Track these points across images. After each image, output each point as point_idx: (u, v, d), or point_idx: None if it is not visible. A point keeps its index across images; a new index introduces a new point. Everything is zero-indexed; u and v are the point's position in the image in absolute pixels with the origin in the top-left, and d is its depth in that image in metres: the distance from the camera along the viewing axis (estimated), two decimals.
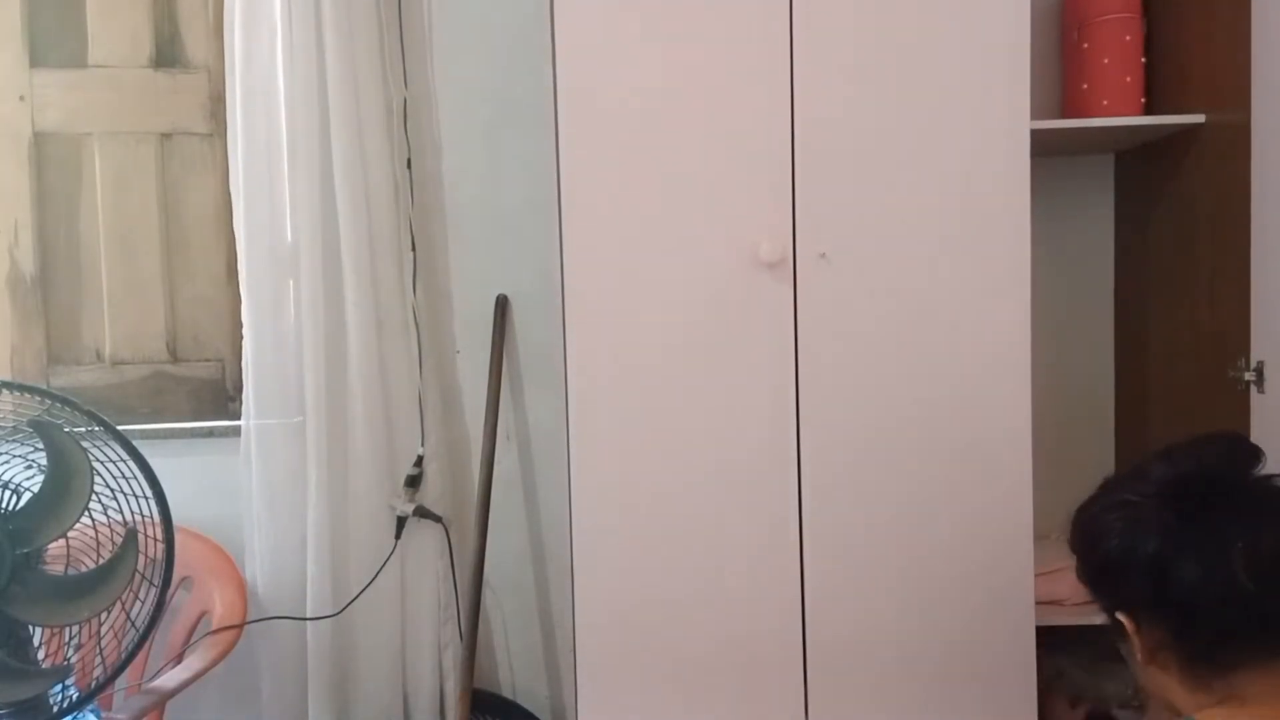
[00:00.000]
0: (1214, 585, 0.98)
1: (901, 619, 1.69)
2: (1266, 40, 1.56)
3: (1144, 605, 1.04)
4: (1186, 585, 0.99)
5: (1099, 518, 1.09)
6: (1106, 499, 1.10)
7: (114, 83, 2.20)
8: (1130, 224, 2.09)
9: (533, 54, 2.01)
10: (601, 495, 1.70)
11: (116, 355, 2.24)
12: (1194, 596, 0.99)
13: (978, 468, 1.67)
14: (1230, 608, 0.98)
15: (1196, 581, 0.99)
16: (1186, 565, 0.99)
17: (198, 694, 1.99)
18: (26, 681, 1.62)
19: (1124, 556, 1.04)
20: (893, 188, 1.65)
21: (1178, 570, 1.00)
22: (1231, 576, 0.97)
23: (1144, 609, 1.05)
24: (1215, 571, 0.98)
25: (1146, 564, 1.02)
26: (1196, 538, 1.00)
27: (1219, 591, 0.98)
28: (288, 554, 2.07)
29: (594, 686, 1.72)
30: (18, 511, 1.61)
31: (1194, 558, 0.99)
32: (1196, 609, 1.00)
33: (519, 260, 2.18)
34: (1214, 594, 0.98)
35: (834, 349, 1.67)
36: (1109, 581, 1.09)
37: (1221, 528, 1.00)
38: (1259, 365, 1.59)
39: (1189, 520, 1.01)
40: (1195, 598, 0.99)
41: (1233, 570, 0.97)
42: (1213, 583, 0.98)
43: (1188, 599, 1.00)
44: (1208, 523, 1.01)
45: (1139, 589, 1.04)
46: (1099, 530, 1.08)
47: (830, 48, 1.64)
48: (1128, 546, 1.04)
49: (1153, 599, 1.03)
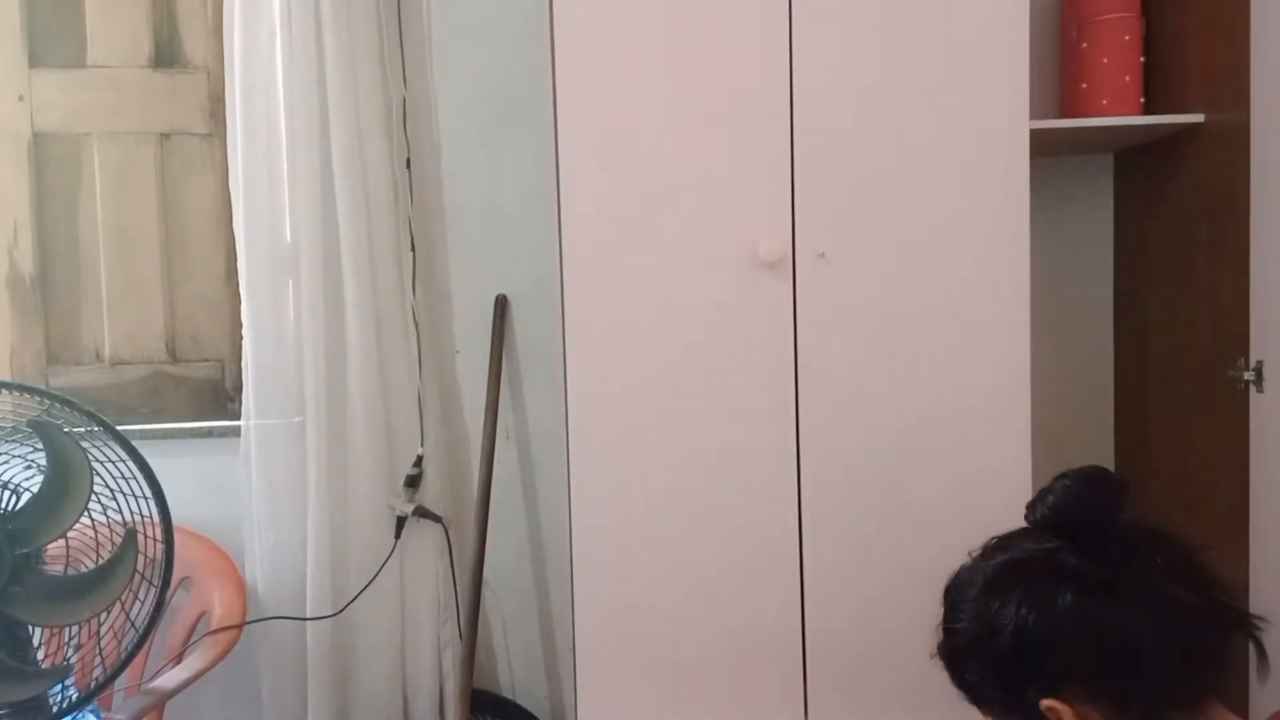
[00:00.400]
0: (1154, 617, 0.85)
1: (901, 619, 1.69)
2: (1265, 40, 1.56)
3: (1081, 674, 0.86)
4: (1124, 625, 0.85)
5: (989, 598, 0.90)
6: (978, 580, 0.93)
7: (113, 83, 2.20)
8: (1129, 223, 2.09)
9: (532, 54, 2.01)
10: (601, 495, 1.70)
11: (116, 355, 2.24)
12: (1135, 636, 0.85)
13: (977, 467, 1.67)
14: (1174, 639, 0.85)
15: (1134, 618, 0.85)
16: (1116, 604, 0.85)
17: (197, 694, 1.99)
18: (26, 682, 1.62)
19: (1041, 616, 0.87)
20: (892, 187, 1.65)
21: (1108, 612, 0.85)
22: (1169, 602, 0.85)
23: (1080, 679, 0.86)
24: (1150, 603, 0.85)
25: (1070, 619, 0.86)
26: (1113, 573, 0.86)
27: (1160, 623, 0.85)
28: (287, 554, 2.07)
29: (593, 686, 1.72)
30: (17, 512, 1.61)
31: (1122, 593, 0.85)
32: (1141, 650, 0.85)
33: (518, 260, 2.18)
34: (1156, 626, 0.84)
35: (833, 348, 1.67)
36: (1028, 659, 0.88)
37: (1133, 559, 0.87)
38: (1258, 365, 1.59)
39: (1092, 558, 0.87)
40: (1137, 637, 0.85)
41: (1170, 596, 0.85)
42: (1152, 615, 0.85)
43: (1130, 641, 0.85)
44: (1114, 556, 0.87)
45: (1070, 651, 0.86)
46: (994, 611, 0.89)
47: (829, 48, 1.64)
48: (1044, 602, 0.87)
49: (1089, 657, 0.86)
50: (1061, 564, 0.88)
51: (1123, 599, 0.85)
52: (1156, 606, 0.85)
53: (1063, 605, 0.86)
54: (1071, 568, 0.87)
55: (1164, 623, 0.85)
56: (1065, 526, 0.91)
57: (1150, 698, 0.86)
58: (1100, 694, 0.86)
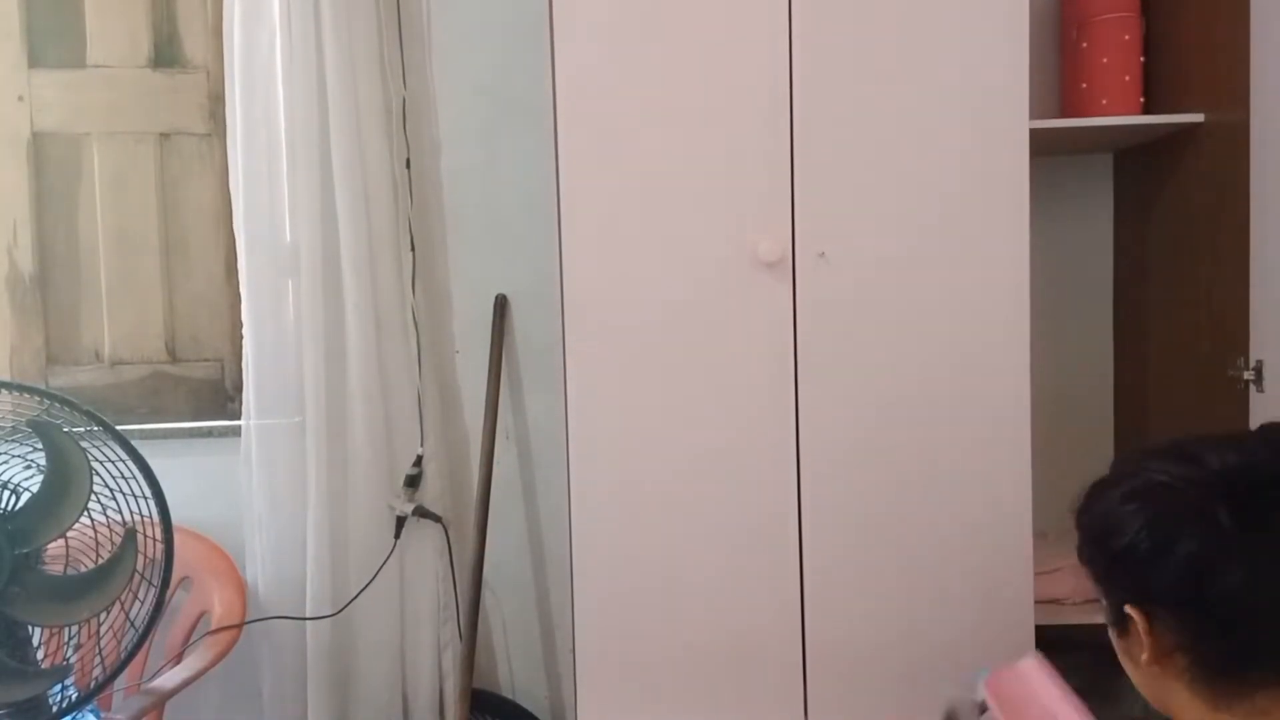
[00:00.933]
0: (1260, 597, 0.85)
1: (901, 619, 1.69)
2: (1265, 39, 1.56)
3: (1167, 603, 0.89)
4: (1230, 594, 0.85)
5: (1126, 500, 0.92)
6: (1136, 479, 0.92)
7: (113, 83, 2.20)
8: (1129, 223, 2.09)
9: (532, 53, 2.01)
10: (601, 495, 1.70)
11: (115, 355, 2.24)
12: (1237, 608, 0.85)
13: (977, 467, 1.67)
14: (1274, 628, 0.85)
15: (1244, 593, 0.85)
16: (1234, 573, 0.85)
17: (197, 694, 1.99)
18: (26, 682, 1.62)
19: (1154, 550, 0.88)
20: (891, 187, 1.65)
21: (1223, 576, 0.85)
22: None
23: (1165, 607, 0.89)
24: (1266, 583, 0.85)
25: (1182, 563, 0.87)
26: (1254, 543, 0.85)
27: (1265, 604, 0.85)
28: (287, 554, 2.07)
29: (593, 686, 1.72)
30: (17, 512, 1.61)
31: (1247, 566, 0.85)
32: (1237, 621, 0.86)
33: (518, 260, 2.18)
34: (1260, 612, 0.85)
35: (833, 348, 1.67)
36: (1127, 572, 0.92)
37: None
38: (1258, 364, 1.59)
39: (1246, 522, 0.86)
40: (1238, 609, 0.85)
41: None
42: (1259, 595, 0.85)
43: (1228, 609, 0.86)
44: (1265, 525, 0.86)
45: (1167, 586, 0.88)
46: (1123, 515, 0.91)
47: (829, 47, 1.64)
48: (1161, 540, 0.88)
49: (1183, 599, 0.88)
50: (1205, 512, 0.87)
51: (1247, 573, 0.85)
52: (1274, 590, 0.85)
53: (1181, 550, 0.87)
54: (1212, 519, 0.87)
55: (1272, 607, 0.85)
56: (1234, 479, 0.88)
57: (1227, 655, 0.88)
58: (1182, 629, 0.88)
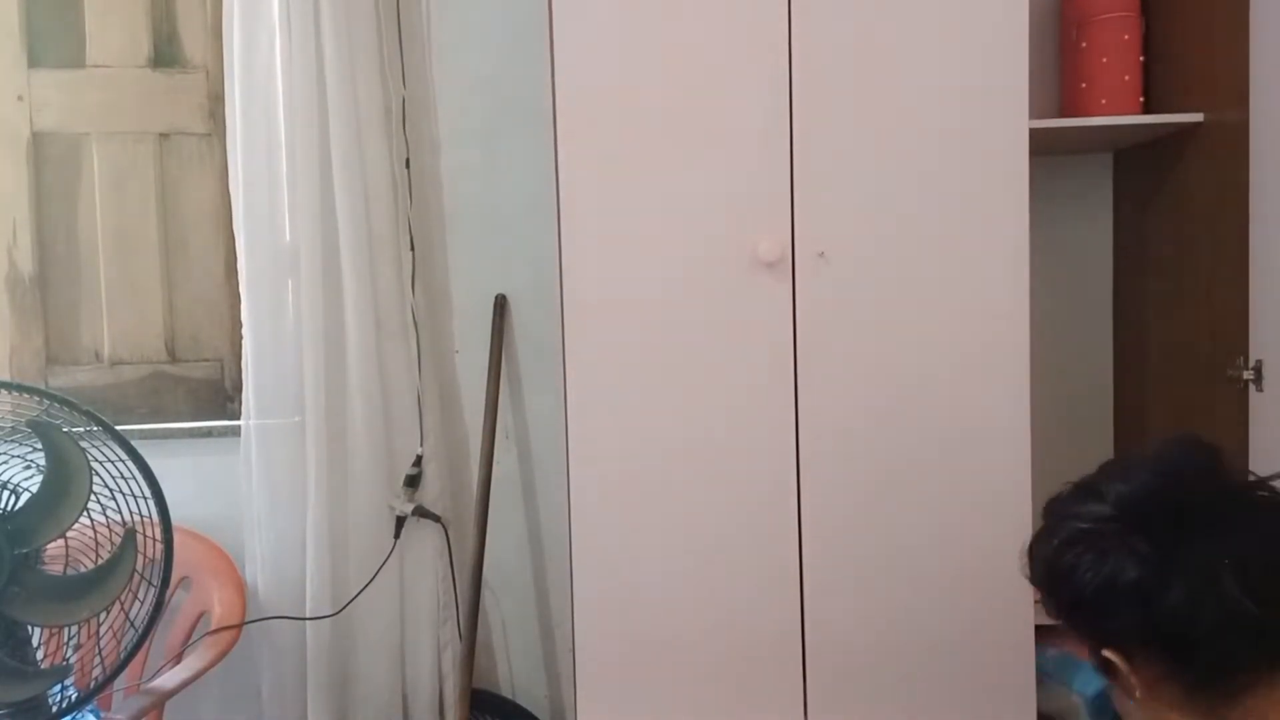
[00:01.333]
0: (1209, 610, 0.89)
1: (901, 618, 1.69)
2: (1265, 39, 1.56)
3: (1134, 639, 0.94)
4: (1178, 613, 0.90)
5: (1061, 552, 0.97)
6: (1062, 530, 0.98)
7: (112, 83, 2.20)
8: (1129, 223, 2.09)
9: (531, 53, 2.01)
10: (600, 494, 1.70)
11: (115, 355, 2.24)
12: (1189, 624, 0.90)
13: (977, 467, 1.67)
14: (1231, 631, 0.89)
15: (1189, 608, 0.89)
16: (1174, 591, 0.89)
17: (197, 694, 1.99)
18: (25, 682, 1.62)
19: (1101, 591, 0.93)
20: (891, 187, 1.65)
21: (1165, 598, 0.90)
22: (1226, 598, 0.88)
23: (1134, 642, 0.94)
24: (1208, 595, 0.89)
25: (1128, 596, 0.92)
26: (1178, 560, 0.90)
27: (1216, 616, 0.89)
28: (287, 554, 2.07)
29: (593, 686, 1.72)
30: (16, 512, 1.61)
31: (1181, 582, 0.89)
32: (1194, 637, 0.90)
33: (518, 260, 2.18)
34: (1211, 619, 0.89)
35: (833, 348, 1.67)
36: (1088, 618, 0.97)
37: (1203, 545, 0.90)
38: (1257, 364, 1.59)
39: (1163, 543, 0.91)
40: (1190, 625, 0.90)
41: (1226, 591, 0.88)
42: (1207, 607, 0.89)
43: (1182, 628, 0.90)
44: (1186, 542, 0.91)
45: (1125, 622, 0.93)
46: (1064, 567, 0.96)
47: (829, 46, 1.64)
48: (1104, 581, 0.93)
49: (1145, 629, 0.92)
50: (1125, 545, 0.92)
51: (1183, 589, 0.89)
52: (1217, 598, 0.89)
53: (1122, 583, 0.92)
54: (1134, 548, 0.92)
55: (1218, 611, 0.89)
56: (1144, 509, 0.94)
57: (1203, 669, 0.91)
58: (1158, 659, 0.93)
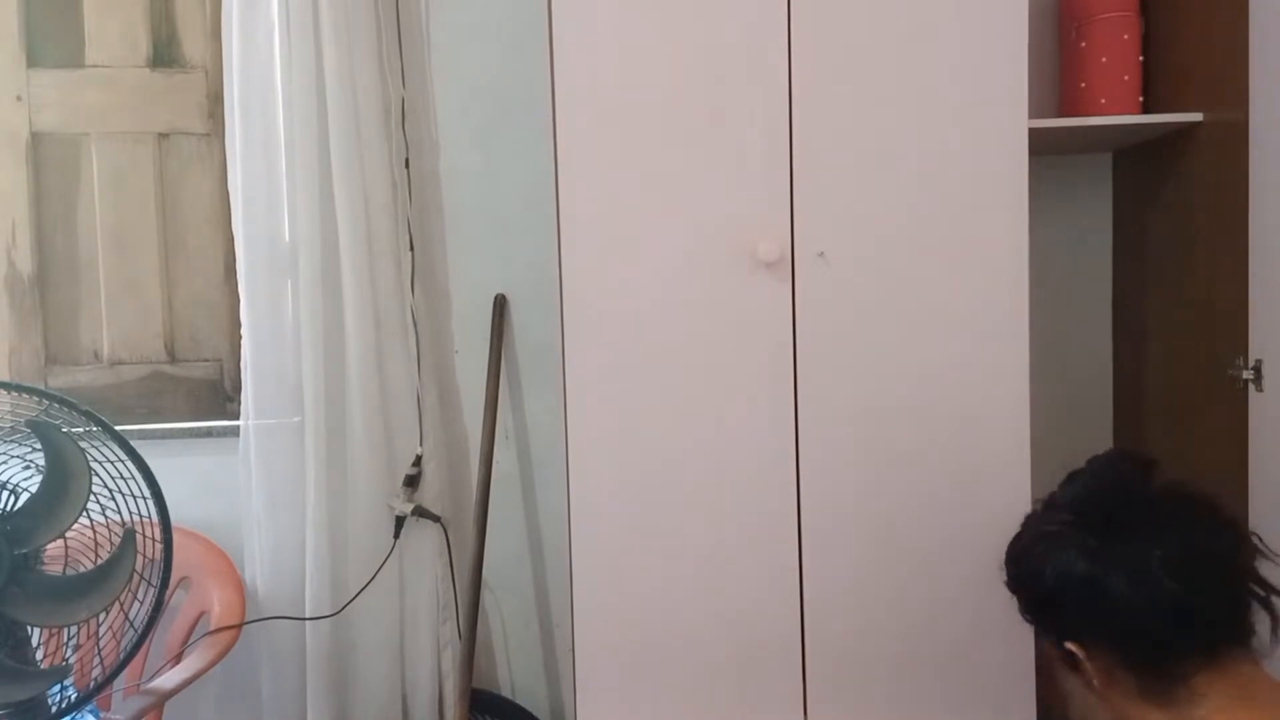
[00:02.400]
0: (1143, 594, 1.02)
1: (901, 619, 1.69)
2: (1264, 39, 1.56)
3: (1087, 629, 1.08)
4: (1119, 599, 1.03)
5: (1028, 552, 1.13)
6: (1029, 534, 1.15)
7: (111, 83, 2.20)
8: (1128, 223, 2.09)
9: (531, 53, 2.02)
10: (600, 494, 1.70)
11: (114, 355, 2.24)
12: (1128, 609, 1.03)
13: (977, 467, 1.67)
14: (1165, 616, 1.01)
15: (1127, 594, 1.02)
16: (1115, 580, 1.03)
17: (197, 694, 1.99)
18: (25, 682, 1.62)
19: (1058, 585, 1.08)
20: (891, 186, 1.65)
21: (1108, 587, 1.04)
22: (1157, 582, 1.01)
23: (1088, 633, 1.08)
24: (1142, 580, 1.02)
25: (1079, 587, 1.06)
26: (1118, 552, 1.04)
27: (1148, 599, 1.02)
28: (286, 554, 2.07)
29: (593, 686, 1.72)
30: (16, 512, 1.61)
31: (1120, 571, 1.03)
32: (1133, 621, 1.03)
33: (517, 259, 2.18)
34: (1144, 603, 1.02)
35: (832, 348, 1.67)
36: (1051, 613, 1.13)
37: (1138, 537, 1.04)
38: (1257, 364, 1.59)
39: (1106, 537, 1.06)
40: (1129, 610, 1.03)
41: (1157, 576, 1.01)
42: (1141, 592, 1.02)
43: (1123, 613, 1.03)
44: (1124, 535, 1.05)
45: (1079, 613, 1.07)
46: (1030, 566, 1.12)
47: (828, 46, 1.64)
48: (1059, 574, 1.08)
49: (1093, 621, 1.06)
50: (1077, 540, 1.08)
51: (1122, 577, 1.03)
52: (1150, 584, 1.02)
53: (1075, 575, 1.06)
54: (1084, 543, 1.07)
55: (1155, 599, 1.02)
56: (1088, 510, 1.10)
57: (1150, 654, 1.04)
58: (1111, 648, 1.06)
